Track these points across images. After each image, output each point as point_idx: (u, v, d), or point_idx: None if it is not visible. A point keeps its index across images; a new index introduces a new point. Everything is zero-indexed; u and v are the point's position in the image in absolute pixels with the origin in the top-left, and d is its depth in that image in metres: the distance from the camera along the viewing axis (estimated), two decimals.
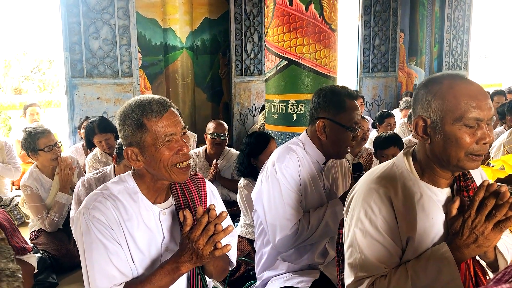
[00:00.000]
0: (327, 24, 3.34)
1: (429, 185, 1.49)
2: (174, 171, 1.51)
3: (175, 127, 1.50)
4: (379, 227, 1.46)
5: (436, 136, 1.42)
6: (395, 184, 1.49)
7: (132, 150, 1.51)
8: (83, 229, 1.50)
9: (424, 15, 7.95)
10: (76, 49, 5.11)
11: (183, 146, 1.51)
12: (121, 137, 1.55)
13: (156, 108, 1.48)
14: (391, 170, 1.54)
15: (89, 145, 4.16)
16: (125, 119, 1.51)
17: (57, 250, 3.25)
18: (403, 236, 1.46)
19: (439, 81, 1.44)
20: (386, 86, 7.67)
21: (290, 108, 3.42)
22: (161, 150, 1.49)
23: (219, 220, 1.45)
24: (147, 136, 1.48)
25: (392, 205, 1.46)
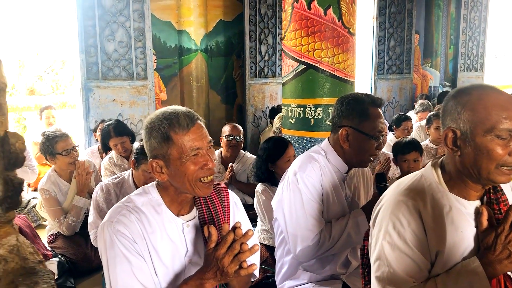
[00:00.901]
0: (345, 28, 3.30)
1: (459, 198, 1.46)
2: (198, 185, 1.49)
3: (201, 141, 1.48)
4: (408, 240, 1.43)
5: (467, 148, 1.38)
6: (423, 196, 1.46)
7: (157, 162, 1.49)
8: (107, 243, 1.48)
9: (439, 16, 7.86)
10: (92, 51, 5.13)
11: (209, 161, 1.49)
12: (147, 148, 1.53)
13: (184, 121, 1.46)
14: (419, 182, 1.51)
15: (105, 148, 4.18)
16: (152, 131, 1.48)
17: (75, 254, 3.26)
18: (432, 249, 1.44)
19: (468, 92, 1.41)
20: (401, 88, 7.60)
21: (308, 113, 3.39)
22: (186, 165, 1.47)
23: (245, 239, 1.42)
24: (173, 149, 1.46)
25: (421, 218, 1.43)
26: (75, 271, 3.23)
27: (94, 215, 2.81)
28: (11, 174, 0.76)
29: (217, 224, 1.57)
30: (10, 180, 0.75)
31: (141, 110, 5.43)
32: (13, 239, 0.81)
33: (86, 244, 3.33)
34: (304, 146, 3.44)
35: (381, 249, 1.47)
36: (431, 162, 1.57)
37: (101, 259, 1.55)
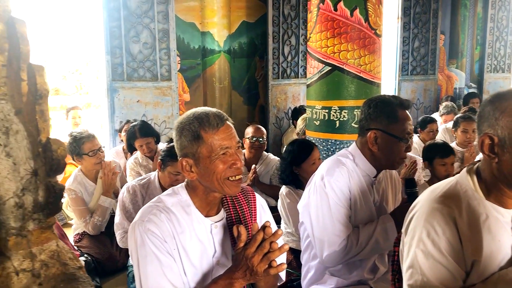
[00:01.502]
0: (372, 29, 3.26)
1: (496, 206, 1.42)
2: (227, 184, 1.51)
3: (230, 141, 1.51)
4: (443, 249, 1.39)
5: (505, 155, 1.35)
6: (459, 204, 1.42)
7: (187, 161, 1.52)
8: (137, 242, 1.50)
9: (466, 16, 7.71)
10: (117, 52, 5.19)
11: (237, 160, 1.51)
12: (177, 147, 1.56)
13: (214, 121, 1.49)
14: (454, 188, 1.47)
15: (130, 149, 4.23)
16: (183, 130, 1.52)
17: (100, 254, 3.30)
18: (468, 259, 1.40)
19: (507, 97, 1.37)
20: (426, 89, 7.48)
21: (333, 115, 3.36)
22: (215, 163, 1.49)
23: (275, 238, 1.42)
24: (203, 148, 1.49)
25: (456, 226, 1.40)
26: (101, 270, 3.27)
27: (120, 216, 2.83)
28: (52, 180, 0.76)
29: (244, 225, 1.57)
30: (52, 186, 0.76)
31: (164, 111, 5.47)
32: (54, 244, 0.82)
33: (112, 244, 3.37)
34: (329, 148, 3.41)
35: (414, 257, 1.44)
36: (466, 168, 1.53)
37: (131, 258, 1.57)
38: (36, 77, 0.74)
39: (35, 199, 0.75)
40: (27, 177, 0.75)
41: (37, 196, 0.75)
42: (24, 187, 0.75)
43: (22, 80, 0.76)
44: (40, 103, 0.75)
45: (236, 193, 1.58)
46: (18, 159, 0.75)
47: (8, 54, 0.79)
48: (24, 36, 0.80)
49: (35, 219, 0.75)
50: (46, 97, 0.77)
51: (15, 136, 0.75)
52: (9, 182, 0.75)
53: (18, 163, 0.75)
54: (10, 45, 0.79)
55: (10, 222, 0.77)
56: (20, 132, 0.75)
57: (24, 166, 0.75)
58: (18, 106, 0.76)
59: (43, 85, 0.75)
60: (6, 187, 0.76)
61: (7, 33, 0.79)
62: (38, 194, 0.75)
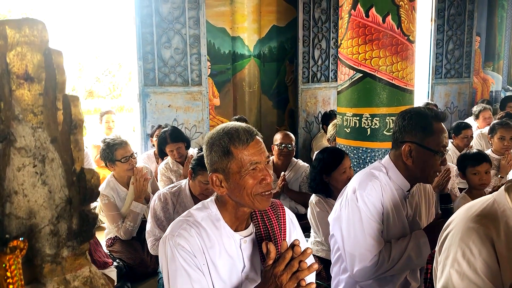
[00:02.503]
0: (404, 35, 3.20)
1: None
2: (257, 199, 1.51)
3: (260, 156, 1.51)
4: (479, 270, 1.35)
5: None
6: (497, 224, 1.37)
7: (217, 176, 1.53)
8: (168, 256, 1.52)
9: (503, 17, 7.47)
10: (149, 58, 5.27)
11: (267, 175, 1.51)
12: (207, 162, 1.57)
13: (244, 136, 1.50)
14: (492, 207, 1.42)
15: (161, 154, 4.28)
16: (213, 146, 1.53)
17: (132, 259, 3.35)
18: (506, 281, 1.35)
19: None
20: (460, 92, 7.28)
21: (364, 122, 3.31)
22: (245, 178, 1.49)
23: (304, 257, 1.42)
24: (233, 163, 1.49)
25: (493, 247, 1.35)
26: (132, 275, 3.32)
27: (151, 223, 2.87)
28: (86, 208, 0.78)
29: (273, 241, 1.58)
30: (85, 215, 0.77)
31: (195, 115, 5.52)
32: (87, 270, 0.83)
33: (143, 249, 3.42)
34: (359, 156, 3.37)
35: (448, 277, 1.40)
36: (505, 186, 1.48)
37: (161, 271, 1.59)
38: (71, 107, 0.76)
39: (69, 227, 0.77)
40: (62, 205, 0.76)
41: (71, 224, 0.77)
42: (59, 215, 0.76)
43: (58, 110, 0.78)
44: (74, 133, 0.77)
45: (266, 208, 1.57)
46: (53, 187, 0.77)
47: (45, 83, 0.81)
48: (60, 66, 0.82)
49: (69, 246, 0.77)
50: (81, 127, 0.78)
51: (51, 164, 0.77)
52: (45, 210, 0.77)
53: (53, 191, 0.77)
54: (47, 75, 0.81)
55: (45, 250, 0.79)
56: (55, 160, 0.77)
57: (59, 195, 0.77)
58: (54, 134, 0.78)
59: (78, 115, 0.76)
60: (42, 215, 0.78)
61: (44, 63, 0.81)
62: (72, 222, 0.76)
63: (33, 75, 0.79)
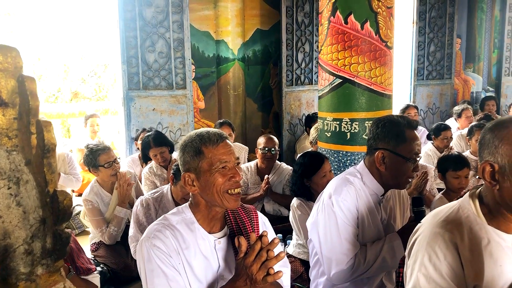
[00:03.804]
0: (383, 41, 3.27)
1: (497, 231, 1.44)
2: (226, 197, 1.61)
3: (229, 156, 1.62)
4: (444, 273, 1.42)
5: (505, 182, 1.37)
6: (461, 229, 1.44)
7: (189, 175, 1.64)
8: (144, 257, 1.60)
9: (482, 19, 7.61)
10: (133, 62, 5.29)
11: (236, 173, 1.62)
12: (180, 163, 1.68)
13: (214, 137, 1.62)
14: (457, 213, 1.49)
15: (145, 159, 4.30)
16: (186, 147, 1.65)
17: (116, 264, 3.38)
18: (470, 284, 1.42)
19: (506, 125, 1.39)
20: (441, 93, 7.41)
21: (344, 127, 3.38)
22: (215, 176, 1.60)
23: (271, 246, 1.52)
24: (204, 162, 1.61)
25: (458, 251, 1.42)
26: (116, 280, 3.35)
27: (134, 228, 2.90)
28: (59, 228, 0.82)
29: (246, 238, 1.64)
30: (59, 234, 0.81)
31: (180, 118, 5.55)
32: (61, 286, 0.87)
33: (127, 254, 3.44)
34: (340, 160, 3.43)
35: (416, 281, 1.46)
36: (469, 192, 1.55)
37: (140, 273, 1.65)
38: (44, 132, 0.80)
39: (44, 246, 0.81)
40: (36, 225, 0.80)
41: (45, 243, 0.81)
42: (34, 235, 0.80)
43: (31, 134, 0.82)
44: (47, 156, 0.81)
45: (235, 207, 1.67)
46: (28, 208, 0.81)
47: (19, 108, 0.85)
48: (33, 92, 0.86)
49: (44, 264, 0.81)
50: (54, 151, 0.82)
51: (25, 186, 0.81)
52: (19, 230, 0.81)
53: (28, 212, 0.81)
54: (20, 100, 0.85)
55: (20, 268, 0.83)
56: (30, 182, 0.81)
57: (33, 215, 0.80)
58: (28, 157, 0.82)
59: (50, 140, 0.80)
60: (16, 235, 0.81)
61: (18, 89, 0.85)
62: (46, 241, 0.80)
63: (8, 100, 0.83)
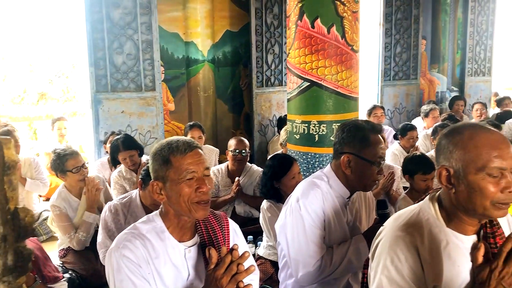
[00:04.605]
0: (349, 45, 3.34)
1: (456, 233, 1.50)
2: (193, 207, 1.61)
3: (197, 166, 1.61)
4: (405, 275, 1.47)
5: (460, 185, 1.43)
6: (421, 231, 1.50)
7: (157, 183, 1.64)
8: (114, 268, 1.59)
9: (446, 21, 7.84)
10: (101, 64, 5.21)
11: (203, 185, 1.61)
12: (150, 171, 1.68)
13: (182, 147, 1.61)
14: (417, 216, 1.55)
15: (114, 162, 4.26)
16: (155, 155, 1.65)
17: (85, 270, 3.34)
18: (429, 284, 1.48)
19: (460, 131, 1.46)
20: (408, 94, 7.60)
21: (312, 129, 3.43)
22: (181, 186, 1.59)
23: (242, 260, 1.54)
24: (171, 171, 1.60)
25: (418, 253, 1.47)
26: (85, 286, 3.31)
27: (102, 235, 2.88)
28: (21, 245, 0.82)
29: (217, 249, 1.65)
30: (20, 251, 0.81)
31: (149, 121, 5.50)
32: None
33: (96, 259, 3.39)
34: (309, 161, 3.49)
35: (379, 283, 1.51)
36: (429, 196, 1.61)
37: (108, 283, 1.64)
38: (3, 149, 0.80)
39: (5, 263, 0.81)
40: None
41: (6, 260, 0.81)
42: None
43: None
44: (8, 174, 0.81)
45: (203, 217, 1.67)
46: None
47: None
48: None
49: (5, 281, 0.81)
50: (14, 168, 0.82)
51: None
52: None
53: None
54: None
55: None
56: None
57: None
58: None
59: (11, 157, 0.80)
60: None
61: None
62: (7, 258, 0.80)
63: None
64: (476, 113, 6.62)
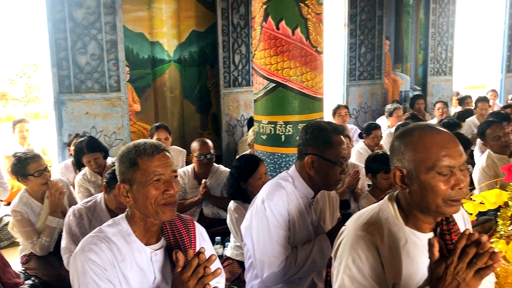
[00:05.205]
0: (313, 47, 3.38)
1: (413, 231, 1.55)
2: (160, 209, 1.61)
3: (164, 169, 1.61)
4: (366, 274, 1.51)
5: (413, 185, 1.48)
6: (381, 230, 1.54)
7: (124, 186, 1.63)
8: (79, 271, 1.58)
9: (409, 22, 8.04)
10: (64, 65, 5.10)
11: (170, 187, 1.61)
12: (117, 173, 1.68)
13: (150, 149, 1.62)
14: (377, 216, 1.59)
15: (78, 165, 4.18)
16: (122, 157, 1.65)
17: (49, 276, 3.27)
18: (389, 282, 1.52)
19: (410, 133, 1.51)
20: (373, 93, 7.75)
21: (279, 130, 3.46)
22: (148, 188, 1.59)
23: (209, 263, 1.54)
24: (138, 173, 1.60)
25: (378, 252, 1.52)
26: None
27: (66, 239, 2.82)
28: None
29: (183, 252, 1.66)
30: None
31: (114, 122, 5.42)
32: None
33: (60, 264, 3.32)
34: (275, 161, 3.52)
35: (342, 282, 1.55)
36: (388, 195, 1.66)
37: (72, 287, 1.62)
38: None
39: None
40: None
41: None
42: None
43: None
44: None
45: (170, 219, 1.67)
46: None
47: None
48: None
49: None
50: None
51: None
52: None
53: None
54: None
55: None
56: None
57: None
58: None
59: None
60: None
61: None
62: None
63: None
64: (438, 111, 6.83)
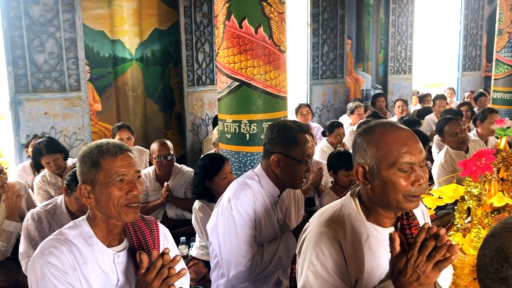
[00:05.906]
0: (276, 46, 3.40)
1: (375, 225, 1.59)
2: (123, 210, 1.59)
3: (128, 169, 1.59)
4: (330, 269, 1.53)
5: (375, 181, 1.51)
6: (343, 226, 1.57)
7: (85, 187, 1.60)
8: (38, 276, 1.54)
9: (370, 22, 8.21)
10: (20, 63, 4.92)
11: (133, 188, 1.59)
12: (78, 174, 1.63)
13: (113, 149, 1.59)
14: (340, 212, 1.62)
15: (37, 167, 4.05)
16: (83, 158, 1.61)
17: (6, 282, 3.14)
18: (352, 276, 1.55)
19: (372, 130, 1.55)
20: (335, 92, 7.87)
21: (243, 128, 3.47)
22: (111, 189, 1.57)
23: (173, 264, 1.54)
24: (100, 174, 1.57)
25: (341, 247, 1.54)
26: None
27: (25, 244, 2.73)
28: None
29: (147, 253, 1.65)
30: None
31: (75, 122, 5.28)
32: None
33: (18, 270, 3.21)
34: (240, 160, 3.52)
35: (306, 278, 1.57)
36: (350, 191, 1.69)
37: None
38: None
39: None
40: None
41: None
42: None
43: None
44: None
45: (133, 220, 1.65)
46: None
47: None
48: None
49: None
50: None
51: None
52: None
53: None
54: None
55: None
56: None
57: None
58: None
59: None
60: None
61: None
62: None
63: None
64: (398, 109, 7.02)
